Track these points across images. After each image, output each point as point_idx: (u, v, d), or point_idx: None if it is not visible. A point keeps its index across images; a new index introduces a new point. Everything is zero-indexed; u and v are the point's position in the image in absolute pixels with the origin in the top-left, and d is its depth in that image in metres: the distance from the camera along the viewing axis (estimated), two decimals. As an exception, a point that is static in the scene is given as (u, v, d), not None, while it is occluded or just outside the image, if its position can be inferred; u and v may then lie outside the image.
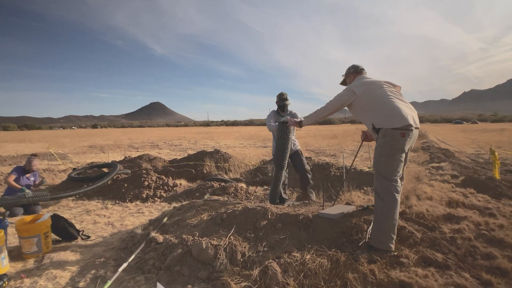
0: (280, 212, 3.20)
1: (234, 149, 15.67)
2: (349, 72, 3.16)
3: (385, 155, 2.50)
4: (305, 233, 2.87)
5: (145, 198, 6.43)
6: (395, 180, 2.50)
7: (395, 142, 2.46)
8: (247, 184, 6.58)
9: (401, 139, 2.46)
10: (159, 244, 3.33)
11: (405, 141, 2.48)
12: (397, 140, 2.46)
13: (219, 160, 9.67)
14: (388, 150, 2.49)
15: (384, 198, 2.48)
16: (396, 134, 2.45)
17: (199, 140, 26.20)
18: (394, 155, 2.49)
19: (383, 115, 2.53)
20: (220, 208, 3.77)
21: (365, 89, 2.71)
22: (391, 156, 2.49)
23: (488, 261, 2.43)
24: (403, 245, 2.58)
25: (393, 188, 2.48)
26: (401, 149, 2.49)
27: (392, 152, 2.48)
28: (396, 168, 2.51)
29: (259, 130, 51.31)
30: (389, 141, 2.48)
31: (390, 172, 2.49)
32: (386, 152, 2.50)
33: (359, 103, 2.73)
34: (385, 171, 2.51)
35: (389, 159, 2.49)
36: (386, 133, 2.51)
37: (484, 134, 26.43)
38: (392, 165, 2.49)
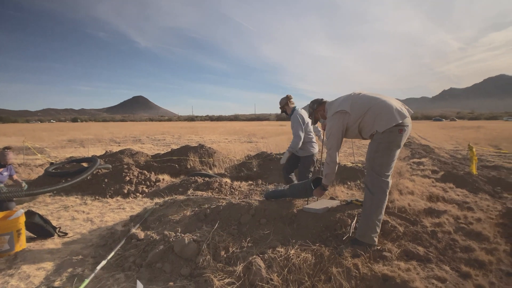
0: (264, 207, 3.16)
1: (219, 144, 15.55)
2: (315, 109, 3.12)
3: (382, 151, 2.50)
4: (290, 228, 2.85)
5: (127, 194, 6.26)
6: (387, 176, 2.52)
7: (393, 138, 2.47)
8: (231, 179, 6.52)
9: (398, 135, 2.47)
10: (140, 240, 3.23)
11: (402, 137, 2.49)
12: (395, 136, 2.47)
13: (203, 155, 9.54)
14: (385, 146, 2.48)
15: (374, 193, 2.49)
16: (394, 130, 2.46)
17: (183, 135, 25.84)
18: (391, 151, 2.49)
19: (383, 118, 2.49)
20: (203, 203, 3.71)
21: (351, 103, 2.66)
22: (387, 152, 2.49)
23: (467, 253, 2.49)
24: (386, 239, 2.60)
25: (385, 184, 2.50)
26: (398, 144, 2.50)
27: (389, 147, 2.48)
28: (390, 164, 2.53)
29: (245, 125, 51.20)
30: (388, 137, 2.47)
31: (384, 168, 2.51)
32: (383, 148, 2.49)
33: (353, 119, 2.65)
34: (379, 166, 2.51)
35: (385, 155, 2.50)
36: (383, 134, 2.51)
37: (462, 131, 27.44)
38: (387, 161, 2.51)
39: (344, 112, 2.66)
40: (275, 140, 16.72)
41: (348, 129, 2.70)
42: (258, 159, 8.48)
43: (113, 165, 8.24)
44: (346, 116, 2.66)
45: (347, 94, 2.82)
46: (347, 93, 2.83)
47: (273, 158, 8.22)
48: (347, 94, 2.82)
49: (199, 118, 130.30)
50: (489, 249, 2.58)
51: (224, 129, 36.72)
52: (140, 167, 8.52)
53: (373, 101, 2.59)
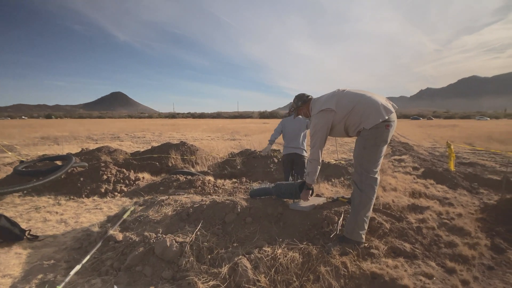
0: (250, 205, 3.07)
1: (201, 141, 15.28)
2: (299, 106, 3.03)
3: (370, 147, 2.47)
4: (276, 227, 2.77)
5: (104, 193, 5.98)
6: (375, 172, 2.50)
7: (380, 134, 2.44)
8: (215, 177, 6.37)
9: (385, 131, 2.45)
10: (118, 242, 3.05)
11: (389, 133, 2.47)
12: (382, 132, 2.44)
13: (185, 153, 9.31)
14: (373, 142, 2.46)
15: (363, 189, 2.47)
16: (381, 126, 2.44)
17: (164, 132, 25.21)
18: (378, 146, 2.47)
19: (369, 114, 2.46)
20: (186, 202, 3.56)
21: (337, 101, 2.61)
22: (375, 148, 2.47)
23: (450, 249, 2.52)
24: (373, 236, 2.59)
25: (373, 180, 2.48)
26: (385, 140, 2.48)
27: (376, 144, 2.46)
28: (378, 160, 2.51)
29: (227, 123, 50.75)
30: (375, 133, 2.45)
31: (372, 165, 2.48)
32: (370, 144, 2.46)
33: (339, 117, 2.60)
34: (367, 163, 2.48)
35: (373, 151, 2.47)
36: (370, 131, 2.48)
37: (438, 129, 28.52)
38: (375, 158, 2.48)
39: (329, 110, 2.60)
40: (259, 138, 16.66)
41: (334, 127, 2.66)
42: (241, 156, 8.37)
43: (90, 163, 7.88)
44: (331, 114, 2.61)
45: (332, 91, 2.77)
46: (332, 91, 2.77)
47: (257, 156, 8.14)
48: (332, 91, 2.77)
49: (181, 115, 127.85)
50: (471, 244, 2.62)
51: (206, 126, 36.16)
52: (118, 165, 8.18)
53: (359, 98, 2.55)
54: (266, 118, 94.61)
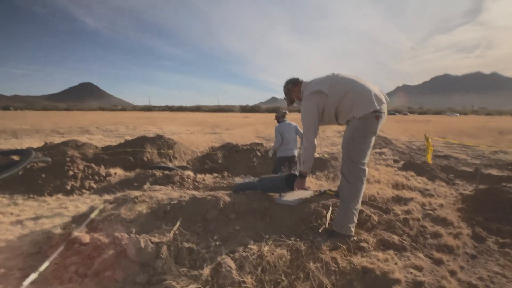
0: (233, 201, 2.87)
1: (180, 135, 14.71)
2: (289, 89, 2.89)
3: (358, 138, 2.37)
4: (262, 222, 2.60)
5: (70, 191, 5.52)
6: (363, 164, 2.40)
7: (369, 124, 2.35)
8: (195, 172, 6.08)
9: (375, 122, 2.36)
10: (84, 245, 2.73)
11: (378, 124, 2.39)
12: (371, 122, 2.35)
13: (162, 147, 8.88)
14: (361, 133, 2.36)
15: (351, 181, 2.36)
16: (371, 116, 2.34)
17: (139, 126, 24.01)
18: (366, 137, 2.38)
19: (361, 103, 2.35)
20: (162, 199, 3.29)
21: (330, 85, 2.48)
22: (363, 139, 2.37)
23: (436, 239, 2.50)
24: (361, 229, 2.50)
25: (362, 172, 2.38)
26: (374, 131, 2.40)
27: (365, 134, 2.37)
28: (366, 151, 2.41)
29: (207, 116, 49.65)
30: (364, 123, 2.35)
31: (360, 156, 2.38)
32: (359, 135, 2.37)
33: (330, 102, 2.47)
34: (356, 154, 2.38)
35: (362, 142, 2.38)
36: (359, 120, 2.38)
37: (414, 124, 29.65)
38: (363, 149, 2.39)
39: (321, 93, 2.47)
40: (241, 132, 16.39)
41: (324, 111, 2.53)
42: (223, 150, 8.10)
43: (54, 158, 7.28)
44: (323, 97, 2.48)
45: (326, 75, 2.64)
46: (326, 74, 2.64)
47: (239, 150, 7.92)
48: (326, 75, 2.64)
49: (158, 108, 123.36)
50: (454, 233, 2.64)
51: (185, 119, 34.96)
52: (88, 160, 7.65)
53: (352, 84, 2.44)
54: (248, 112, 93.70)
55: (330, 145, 11.41)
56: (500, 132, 17.20)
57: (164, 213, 2.95)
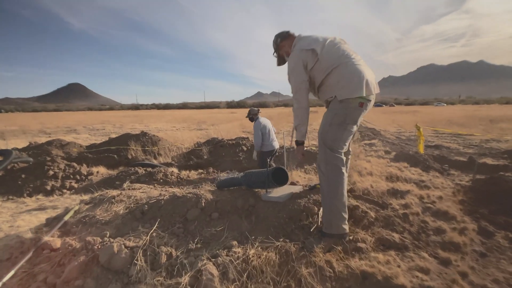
0: (216, 198, 2.62)
1: (165, 132, 14.42)
2: (278, 43, 2.54)
3: (337, 124, 2.13)
4: (247, 222, 2.36)
5: (50, 191, 5.24)
6: (340, 152, 2.15)
7: (351, 111, 2.10)
8: (179, 169, 5.82)
9: (358, 109, 2.11)
10: (55, 251, 2.47)
11: (361, 112, 2.14)
12: (354, 109, 2.10)
13: (146, 144, 8.58)
14: (341, 119, 2.12)
15: (329, 173, 2.11)
16: (354, 103, 2.09)
17: (126, 124, 23.61)
18: (347, 125, 2.13)
19: (347, 83, 2.09)
20: (141, 198, 3.03)
21: (325, 48, 2.18)
22: (342, 126, 2.13)
23: (439, 236, 2.29)
24: (358, 227, 2.28)
25: (339, 160, 2.12)
26: (355, 120, 2.15)
27: (345, 122, 2.12)
28: (345, 139, 2.17)
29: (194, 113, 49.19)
30: (345, 109, 2.10)
31: (337, 143, 2.14)
32: (338, 121, 2.12)
33: (319, 68, 2.17)
34: (332, 141, 2.14)
35: (340, 129, 2.13)
36: (341, 104, 2.12)
37: (401, 115, 29.73)
38: (341, 136, 2.15)
39: (313, 52, 2.16)
40: (226, 127, 16.14)
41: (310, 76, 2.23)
42: (208, 145, 7.85)
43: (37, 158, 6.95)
44: (313, 58, 2.16)
45: (329, 36, 2.30)
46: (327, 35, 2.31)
47: (225, 144, 7.67)
48: (329, 36, 2.30)
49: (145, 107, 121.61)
50: (459, 229, 2.41)
51: (172, 117, 34.49)
52: (71, 159, 7.32)
53: (347, 59, 2.15)
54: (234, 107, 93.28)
55: (316, 138, 11.22)
56: (491, 120, 17.29)
57: (142, 213, 2.69)
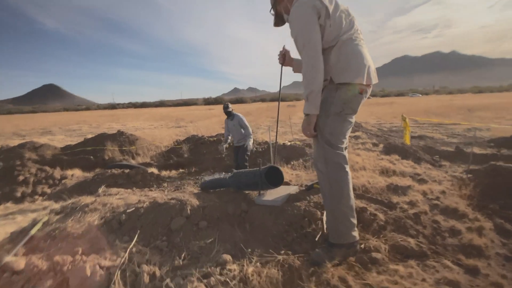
0: (203, 204, 2.30)
1: (143, 131, 13.94)
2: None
3: (335, 115, 1.82)
4: (241, 231, 2.06)
5: (20, 198, 4.77)
6: (341, 148, 1.87)
7: (350, 99, 1.82)
8: (159, 169, 5.45)
9: (357, 96, 1.83)
10: (17, 273, 2.09)
11: (361, 101, 1.88)
12: (353, 97, 1.82)
13: (123, 143, 8.12)
14: (338, 109, 1.81)
15: (329, 173, 1.81)
16: (354, 89, 1.81)
17: (103, 124, 22.83)
18: (346, 115, 1.85)
19: (349, 65, 1.79)
20: (118, 205, 2.67)
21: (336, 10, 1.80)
22: (342, 117, 1.84)
23: (456, 238, 2.07)
24: (367, 233, 2.03)
25: (341, 157, 1.83)
26: (355, 109, 1.87)
27: (343, 111, 1.83)
28: (345, 132, 1.89)
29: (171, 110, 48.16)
30: (343, 96, 1.81)
31: (336, 137, 1.84)
32: (335, 111, 1.82)
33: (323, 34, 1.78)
34: (330, 135, 1.83)
35: (339, 120, 1.84)
36: (340, 89, 1.81)
37: (378, 107, 30.15)
38: (341, 129, 1.85)
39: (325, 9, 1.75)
40: (205, 123, 15.76)
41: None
42: (188, 143, 7.50)
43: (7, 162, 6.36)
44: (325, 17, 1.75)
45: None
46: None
47: (205, 142, 7.34)
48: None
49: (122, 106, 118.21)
50: (474, 228, 2.20)
51: (149, 115, 33.55)
52: (45, 162, 6.78)
53: (355, 35, 1.84)
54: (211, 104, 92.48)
55: (298, 131, 11.03)
56: (469, 109, 17.76)
57: (120, 223, 2.34)
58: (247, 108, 39.48)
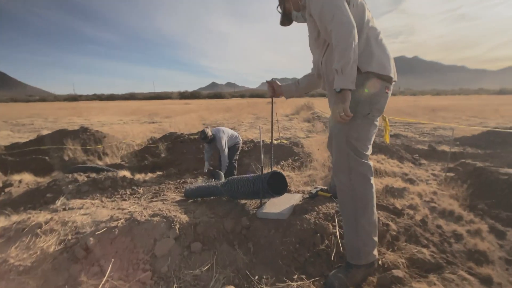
0: (194, 220, 1.94)
1: (111, 126, 12.71)
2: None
3: (363, 117, 1.57)
4: (243, 253, 1.74)
5: None
6: (366, 156, 1.64)
7: (379, 97, 1.58)
8: (132, 171, 4.88)
9: (385, 94, 1.61)
10: None
11: (387, 100, 1.66)
12: (381, 94, 1.59)
13: (88, 141, 7.29)
14: (367, 110, 1.57)
15: (354, 185, 1.57)
16: (381, 86, 1.58)
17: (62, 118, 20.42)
18: (373, 117, 1.62)
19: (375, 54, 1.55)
20: (83, 224, 2.19)
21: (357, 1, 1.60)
22: (370, 119, 1.61)
23: (460, 243, 1.99)
24: (382, 245, 1.84)
25: (366, 167, 1.60)
26: (381, 109, 1.64)
27: (372, 112, 1.59)
28: (371, 138, 1.66)
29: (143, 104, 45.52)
30: (372, 91, 1.55)
31: (362, 143, 1.61)
32: (364, 112, 1.57)
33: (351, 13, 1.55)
34: (357, 141, 1.58)
35: (367, 122, 1.60)
36: (367, 82, 1.54)
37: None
38: (368, 133, 1.62)
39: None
40: (184, 119, 14.86)
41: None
42: (166, 141, 6.88)
43: None
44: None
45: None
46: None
47: (186, 140, 6.79)
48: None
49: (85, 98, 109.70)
50: (473, 231, 2.17)
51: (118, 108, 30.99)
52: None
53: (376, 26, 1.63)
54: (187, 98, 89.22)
55: (282, 129, 10.87)
56: (433, 109, 18.90)
57: (86, 250, 1.89)
58: (227, 103, 38.48)
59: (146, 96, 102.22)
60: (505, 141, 6.25)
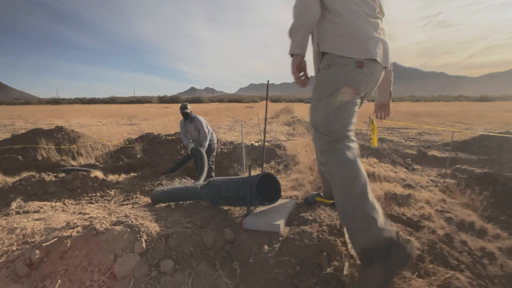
0: (166, 230, 1.56)
1: (89, 128, 12.27)
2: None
3: (328, 96, 1.46)
4: (228, 275, 1.37)
5: None
6: (345, 136, 1.45)
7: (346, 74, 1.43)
8: (105, 172, 4.44)
9: (354, 70, 1.43)
10: None
11: (362, 76, 1.45)
12: (350, 71, 1.43)
13: (62, 141, 6.79)
14: (332, 88, 1.46)
15: (337, 171, 1.37)
16: (350, 63, 1.43)
17: (42, 119, 19.93)
18: (341, 96, 1.45)
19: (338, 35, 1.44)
20: (33, 232, 1.79)
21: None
22: (337, 98, 1.45)
23: (495, 265, 1.67)
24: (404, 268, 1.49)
25: (348, 150, 1.42)
26: (355, 87, 1.45)
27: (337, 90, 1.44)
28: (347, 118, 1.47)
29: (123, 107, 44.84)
30: (337, 73, 1.45)
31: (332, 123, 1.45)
32: (329, 91, 1.46)
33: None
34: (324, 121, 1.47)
35: (332, 102, 1.45)
36: (333, 61, 1.46)
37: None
38: (340, 113, 1.45)
39: None
40: (162, 121, 14.53)
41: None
42: (142, 142, 6.50)
43: None
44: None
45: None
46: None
47: (163, 141, 6.42)
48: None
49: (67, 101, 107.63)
50: (504, 248, 1.86)
51: (97, 111, 30.42)
52: None
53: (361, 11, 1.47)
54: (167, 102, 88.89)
55: (262, 132, 10.59)
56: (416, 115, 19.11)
57: (30, 266, 1.49)
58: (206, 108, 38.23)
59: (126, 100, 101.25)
60: (501, 146, 6.17)
